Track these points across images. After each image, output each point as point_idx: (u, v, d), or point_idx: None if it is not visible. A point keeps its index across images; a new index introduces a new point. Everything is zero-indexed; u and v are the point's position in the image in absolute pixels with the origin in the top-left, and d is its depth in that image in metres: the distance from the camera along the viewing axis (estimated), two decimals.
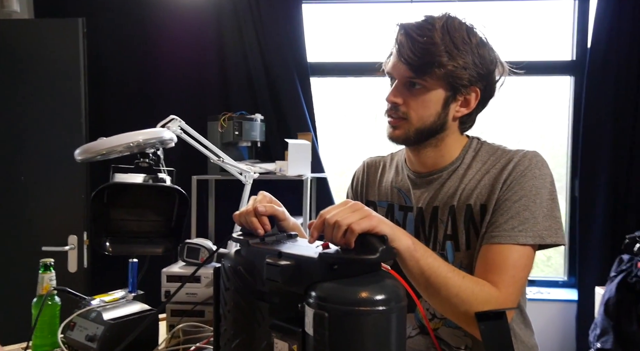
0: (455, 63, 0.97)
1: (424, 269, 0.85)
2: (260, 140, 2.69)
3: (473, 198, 1.01)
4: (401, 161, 1.17)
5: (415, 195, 1.10)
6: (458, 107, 1.03)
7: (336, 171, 3.06)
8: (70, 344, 1.14)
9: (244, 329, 0.90)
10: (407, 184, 1.12)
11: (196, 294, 1.28)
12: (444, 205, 1.04)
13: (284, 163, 2.50)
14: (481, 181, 1.01)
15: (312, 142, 2.66)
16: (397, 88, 1.02)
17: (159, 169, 1.25)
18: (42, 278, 1.20)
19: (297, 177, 2.47)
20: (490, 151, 1.05)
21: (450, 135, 1.06)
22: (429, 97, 1.00)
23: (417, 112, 1.01)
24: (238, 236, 0.95)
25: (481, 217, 0.99)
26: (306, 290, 0.78)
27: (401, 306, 0.77)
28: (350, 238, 0.78)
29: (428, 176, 1.09)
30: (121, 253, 1.22)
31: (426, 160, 1.08)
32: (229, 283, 0.92)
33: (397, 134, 1.04)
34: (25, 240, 2.31)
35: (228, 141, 2.56)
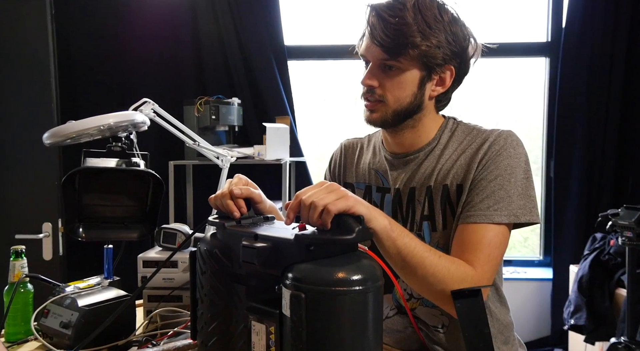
0: (428, 43, 0.96)
1: (401, 249, 0.86)
2: (238, 124, 2.66)
3: (449, 178, 1.02)
4: (378, 143, 1.17)
5: (392, 176, 1.10)
6: (434, 87, 1.03)
7: (315, 155, 3.05)
8: (44, 331, 1.12)
9: (221, 312, 0.89)
10: (385, 166, 1.12)
11: (173, 279, 1.27)
12: (421, 186, 1.05)
13: (262, 147, 2.48)
14: (457, 161, 1.02)
15: (290, 126, 2.64)
16: (371, 71, 1.01)
17: (133, 153, 1.22)
18: (13, 265, 1.17)
19: (276, 161, 2.46)
20: (466, 131, 1.06)
21: (427, 115, 1.06)
22: (404, 78, 0.99)
23: (393, 94, 1.00)
24: (214, 219, 0.94)
25: (457, 197, 1.00)
26: (283, 272, 0.78)
27: (378, 286, 0.77)
28: (327, 219, 0.77)
29: (405, 157, 1.09)
30: (95, 239, 1.20)
31: (403, 141, 1.08)
32: (205, 267, 0.91)
33: (374, 118, 1.03)
34: None
35: (205, 125, 2.52)
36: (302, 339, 0.74)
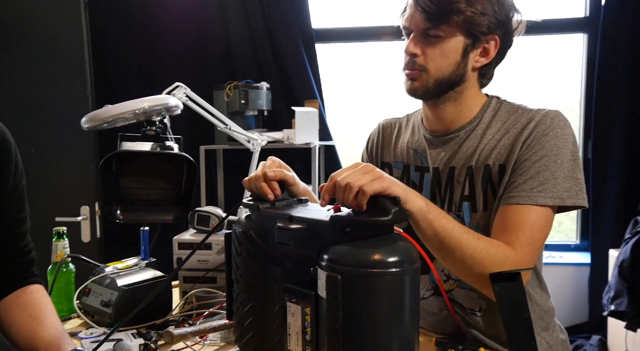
0: (473, 9, 0.94)
1: (438, 230, 0.84)
2: (267, 108, 2.66)
3: (492, 158, 0.99)
4: (417, 122, 1.15)
5: (431, 155, 1.08)
6: (477, 57, 1.00)
7: (343, 139, 3.02)
8: (86, 309, 1.16)
9: (257, 293, 0.90)
10: (424, 145, 1.10)
11: (207, 261, 1.28)
12: (462, 165, 1.03)
13: (292, 131, 2.48)
14: (500, 141, 0.99)
15: (319, 110, 2.62)
16: (415, 39, 0.99)
17: (167, 137, 1.23)
18: (55, 246, 1.21)
19: (305, 145, 2.45)
20: (511, 110, 1.03)
21: (469, 88, 1.03)
22: (447, 46, 0.97)
23: (435, 63, 0.98)
24: (248, 201, 0.95)
25: (499, 177, 0.98)
26: (318, 253, 0.78)
27: (414, 268, 0.76)
28: (362, 200, 0.77)
29: (445, 136, 1.07)
30: (131, 221, 1.22)
31: (444, 116, 1.06)
32: (241, 248, 0.92)
33: (415, 86, 1.01)
34: (39, 211, 2.31)
35: (234, 110, 2.53)
36: (338, 320, 0.74)
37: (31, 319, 0.89)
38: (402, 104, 1.26)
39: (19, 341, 0.87)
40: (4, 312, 0.91)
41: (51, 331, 0.88)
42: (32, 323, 0.88)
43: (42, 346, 0.85)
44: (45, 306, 0.93)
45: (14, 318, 0.88)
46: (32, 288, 0.95)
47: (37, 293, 0.94)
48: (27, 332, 0.87)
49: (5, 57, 2.37)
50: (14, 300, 0.91)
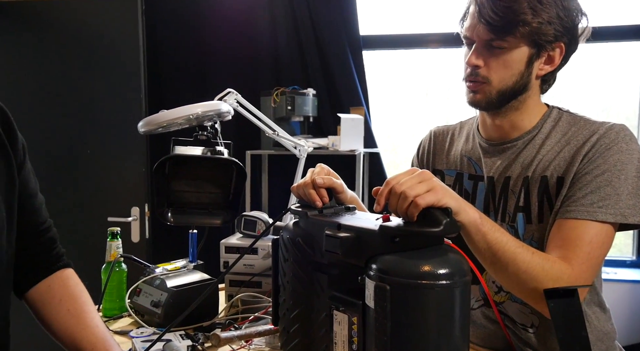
0: (540, 19, 0.91)
1: (491, 243, 0.82)
2: (313, 115, 2.67)
3: (550, 169, 0.96)
4: (473, 129, 1.13)
5: (486, 164, 1.06)
6: (542, 65, 0.98)
7: (386, 147, 3.00)
8: (136, 309, 1.19)
9: (303, 300, 0.91)
10: (478, 153, 1.08)
11: (253, 265, 1.30)
12: (518, 176, 1.00)
13: (337, 138, 2.48)
14: (560, 153, 0.96)
15: (364, 117, 2.61)
16: (477, 50, 0.97)
17: (217, 142, 1.26)
18: (110, 245, 1.26)
19: (350, 152, 2.45)
20: (572, 121, 0.99)
21: (531, 96, 1.01)
22: (511, 57, 0.95)
23: (498, 74, 0.96)
24: (296, 208, 0.95)
25: (557, 190, 0.94)
26: (366, 262, 0.77)
27: (465, 281, 0.75)
28: (414, 212, 0.76)
29: (502, 145, 1.04)
30: (181, 224, 1.25)
31: (503, 125, 1.03)
32: (288, 254, 0.93)
33: (478, 99, 0.99)
34: (93, 211, 2.43)
35: (281, 116, 2.56)
36: (386, 331, 0.73)
37: (70, 316, 0.88)
38: (446, 112, 1.25)
39: (61, 338, 0.87)
40: (40, 304, 0.89)
41: (94, 332, 0.86)
42: (73, 321, 0.87)
43: (87, 348, 0.85)
44: (81, 298, 0.91)
45: (53, 313, 0.87)
46: (63, 275, 0.92)
47: (69, 281, 0.92)
48: (69, 331, 0.86)
49: (64, 61, 2.50)
50: (47, 290, 0.89)
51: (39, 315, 0.89)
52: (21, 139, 0.86)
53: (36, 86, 2.49)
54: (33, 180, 0.89)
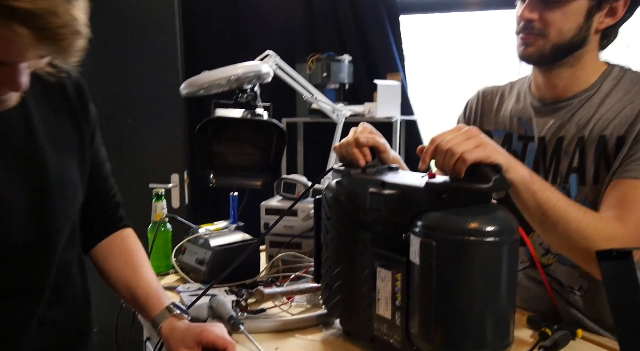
0: None
1: (541, 202, 0.80)
2: (349, 82, 2.64)
3: (609, 128, 0.92)
4: (524, 89, 1.09)
5: (538, 124, 1.02)
6: (602, 18, 0.92)
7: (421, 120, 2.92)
8: (182, 266, 1.23)
9: (346, 257, 0.91)
10: (530, 113, 1.04)
11: (293, 227, 1.32)
12: (572, 136, 0.96)
13: (373, 105, 2.45)
14: (622, 112, 0.91)
15: (401, 84, 2.57)
16: (531, 3, 0.92)
17: (257, 104, 1.26)
18: (155, 206, 1.30)
19: (386, 119, 2.42)
20: (636, 79, 0.94)
21: (589, 52, 0.96)
22: (569, 9, 0.90)
23: (555, 27, 0.91)
24: (339, 167, 0.95)
25: (616, 150, 0.90)
26: (411, 219, 0.77)
27: (514, 239, 0.74)
28: (461, 168, 0.74)
29: (555, 104, 1.00)
30: (223, 186, 1.28)
31: (558, 83, 0.99)
32: (331, 213, 0.93)
33: (529, 52, 0.95)
34: (134, 178, 2.49)
35: (316, 83, 2.53)
36: (432, 287, 0.73)
37: (127, 267, 0.94)
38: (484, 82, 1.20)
39: (119, 289, 0.94)
40: (102, 258, 0.96)
41: (148, 282, 0.93)
42: (129, 272, 0.93)
43: (142, 296, 0.91)
44: (138, 253, 0.97)
45: (112, 265, 0.93)
46: (123, 233, 0.99)
47: (128, 239, 0.99)
48: (126, 281, 0.93)
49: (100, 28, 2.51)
50: (108, 246, 0.96)
51: (101, 268, 0.96)
52: (94, 110, 0.90)
53: None
54: (102, 150, 0.94)
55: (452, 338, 0.73)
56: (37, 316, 0.79)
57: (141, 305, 0.91)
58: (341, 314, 0.95)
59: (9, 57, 0.59)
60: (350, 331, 0.95)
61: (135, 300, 0.92)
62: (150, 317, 0.89)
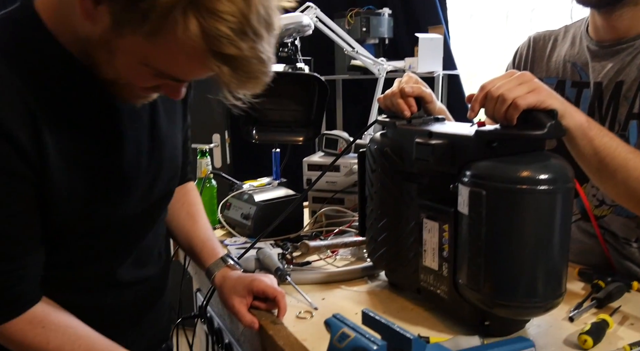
0: None
1: (599, 149, 0.76)
2: (388, 36, 2.57)
3: None
4: (579, 32, 1.02)
5: (594, 69, 0.96)
6: None
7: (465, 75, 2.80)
8: (227, 221, 1.26)
9: (391, 209, 0.91)
10: (585, 57, 0.98)
11: (335, 182, 1.32)
12: (633, 80, 0.90)
13: (414, 60, 2.38)
14: None
15: (444, 37, 2.47)
16: None
17: (297, 59, 1.24)
18: (200, 163, 1.32)
19: (428, 74, 2.35)
20: None
21: None
22: None
23: None
24: (383, 119, 0.93)
25: None
26: (460, 170, 0.75)
27: (568, 188, 0.71)
28: (513, 114, 0.71)
29: (615, 46, 0.93)
30: (266, 141, 1.28)
31: (618, 24, 0.92)
32: (376, 165, 0.92)
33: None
34: None
35: (355, 38, 2.47)
36: (481, 237, 0.72)
37: (188, 217, 0.98)
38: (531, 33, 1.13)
39: (178, 236, 0.98)
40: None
41: (204, 232, 0.97)
42: (189, 221, 0.97)
43: (198, 245, 0.95)
44: (198, 205, 1.02)
45: (175, 214, 0.97)
46: (188, 186, 1.02)
47: (192, 192, 1.03)
48: (185, 229, 0.97)
49: None
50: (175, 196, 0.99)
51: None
52: None
53: None
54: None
55: (502, 288, 0.72)
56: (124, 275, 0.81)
57: (197, 253, 0.94)
58: (386, 266, 0.95)
59: (189, 78, 0.65)
60: (396, 283, 0.95)
61: (191, 248, 0.96)
62: (205, 266, 0.92)
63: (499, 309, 0.73)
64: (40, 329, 0.69)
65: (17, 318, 0.67)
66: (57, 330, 0.70)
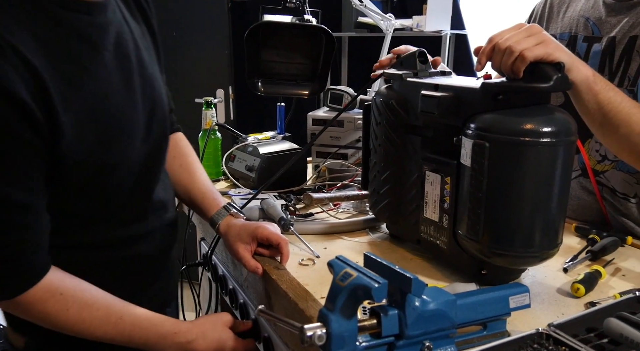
0: None
1: (603, 104, 0.76)
2: None
3: None
4: None
5: (609, 23, 0.96)
6: None
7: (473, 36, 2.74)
8: (231, 173, 1.28)
9: (395, 162, 0.92)
10: (601, 11, 0.98)
11: (339, 138, 1.32)
12: None
13: (422, 18, 2.34)
14: None
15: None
16: None
17: (305, 10, 1.23)
18: (205, 114, 1.33)
19: (436, 33, 2.32)
20: None
21: None
22: None
23: None
24: (390, 72, 0.93)
25: None
26: (464, 122, 0.76)
27: (570, 141, 0.72)
28: (520, 66, 0.71)
29: (631, 0, 0.92)
30: (271, 94, 1.28)
31: None
32: (380, 118, 0.93)
33: None
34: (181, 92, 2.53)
35: None
36: (482, 188, 0.73)
37: (182, 169, 0.96)
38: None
39: (176, 188, 0.95)
40: None
41: (203, 183, 0.96)
42: (185, 174, 0.96)
43: (198, 196, 0.95)
44: (191, 155, 0.99)
45: (168, 167, 0.92)
46: (176, 136, 0.99)
47: (180, 142, 1.00)
48: (182, 182, 0.96)
49: None
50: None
51: None
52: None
53: None
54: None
55: (500, 238, 0.73)
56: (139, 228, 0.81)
57: (198, 204, 0.95)
58: (388, 218, 0.97)
59: None
60: (397, 235, 0.98)
61: (192, 200, 0.96)
62: (208, 216, 0.93)
63: (496, 258, 0.75)
64: (58, 296, 0.68)
65: (35, 287, 0.67)
66: (75, 295, 0.70)
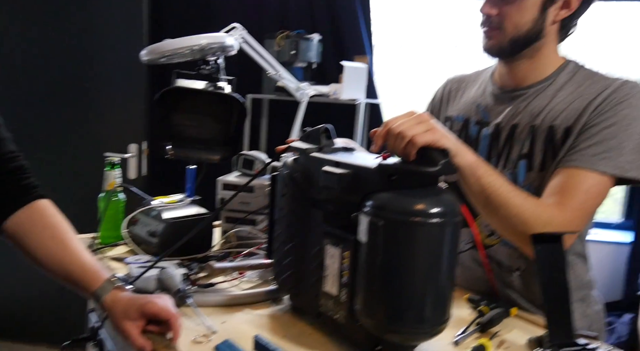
0: None
1: (485, 187, 0.83)
2: (316, 61, 2.63)
3: (559, 119, 0.97)
4: (487, 78, 1.13)
5: (495, 111, 1.07)
6: (558, 11, 0.96)
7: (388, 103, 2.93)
8: (133, 238, 1.22)
9: (297, 234, 0.93)
10: (488, 100, 1.09)
11: (249, 203, 1.32)
12: (525, 124, 1.01)
13: (339, 86, 2.45)
14: (571, 104, 0.96)
15: (368, 66, 2.58)
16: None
17: (219, 77, 1.25)
18: (107, 175, 1.27)
19: (351, 101, 2.43)
20: (588, 75, 0.99)
21: (547, 44, 1.00)
22: (524, 4, 0.94)
23: (511, 21, 0.95)
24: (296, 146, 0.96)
25: (562, 141, 0.95)
26: (362, 199, 0.79)
27: (456, 221, 0.77)
28: (411, 150, 0.77)
29: (513, 92, 1.04)
30: (181, 158, 1.26)
31: (517, 73, 1.03)
32: (286, 190, 0.94)
33: (490, 45, 1.00)
34: (89, 146, 2.43)
35: (283, 60, 2.51)
36: (376, 265, 0.75)
37: (55, 242, 0.88)
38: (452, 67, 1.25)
39: (48, 265, 0.87)
40: (21, 233, 0.88)
41: (81, 256, 0.87)
42: (58, 247, 0.87)
43: (77, 271, 0.85)
44: (63, 225, 0.91)
45: (37, 241, 0.87)
46: (40, 205, 0.91)
47: (48, 210, 0.91)
48: (57, 257, 0.87)
49: None
50: (27, 219, 0.88)
51: (22, 245, 0.89)
52: None
53: (30, 12, 2.41)
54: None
55: (393, 314, 0.75)
56: None
57: (77, 280, 0.86)
58: (290, 290, 0.97)
59: None
60: (298, 307, 0.97)
61: (69, 276, 0.87)
62: (90, 291, 0.85)
63: (390, 335, 0.77)
64: None
65: None
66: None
